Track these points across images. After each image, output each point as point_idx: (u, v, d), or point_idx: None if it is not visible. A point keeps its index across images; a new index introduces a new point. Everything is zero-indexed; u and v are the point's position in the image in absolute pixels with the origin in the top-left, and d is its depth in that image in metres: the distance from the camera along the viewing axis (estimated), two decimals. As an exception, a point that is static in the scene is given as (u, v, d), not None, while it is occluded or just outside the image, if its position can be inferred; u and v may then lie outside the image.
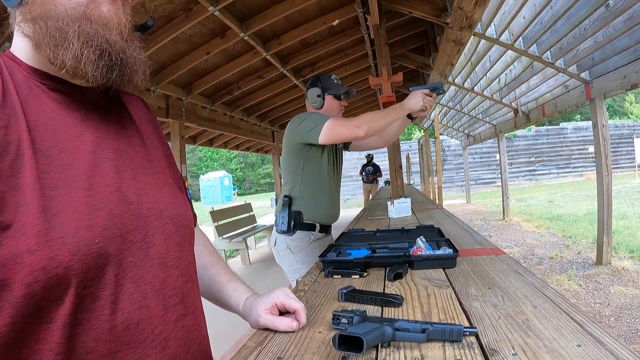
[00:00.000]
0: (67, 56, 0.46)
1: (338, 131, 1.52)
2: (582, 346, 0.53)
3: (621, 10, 2.72)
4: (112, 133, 0.54)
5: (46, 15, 0.47)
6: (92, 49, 0.47)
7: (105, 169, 0.50)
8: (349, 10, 3.50)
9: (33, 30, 0.47)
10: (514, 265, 1.00)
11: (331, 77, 1.80)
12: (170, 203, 0.57)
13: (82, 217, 0.44)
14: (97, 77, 0.48)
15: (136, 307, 0.48)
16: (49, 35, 0.46)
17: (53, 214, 0.42)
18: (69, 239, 0.42)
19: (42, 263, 0.40)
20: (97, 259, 0.45)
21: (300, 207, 1.70)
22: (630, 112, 24.60)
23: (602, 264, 3.98)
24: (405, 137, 22.86)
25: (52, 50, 0.46)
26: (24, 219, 0.41)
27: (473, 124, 9.05)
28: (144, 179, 0.55)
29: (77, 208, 0.44)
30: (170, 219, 0.56)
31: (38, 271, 0.40)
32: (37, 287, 0.40)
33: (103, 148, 0.51)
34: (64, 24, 0.47)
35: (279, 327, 0.69)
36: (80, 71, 0.48)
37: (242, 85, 4.43)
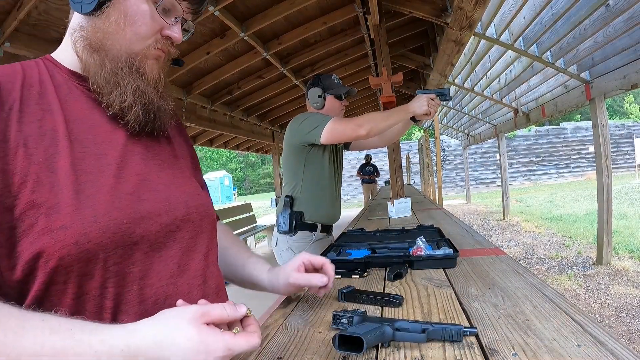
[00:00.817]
0: (116, 101, 0.54)
1: (340, 131, 1.52)
2: (582, 346, 0.53)
3: (621, 10, 2.72)
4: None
5: (104, 51, 0.54)
6: (140, 105, 0.55)
7: (135, 160, 0.55)
8: (349, 10, 3.50)
9: (88, 58, 0.54)
10: (514, 265, 1.00)
11: (332, 76, 1.79)
12: (195, 194, 0.62)
13: (113, 200, 0.49)
14: (134, 126, 0.56)
15: (164, 284, 0.53)
16: (104, 75, 0.54)
17: (87, 195, 0.47)
18: (100, 218, 0.47)
19: (75, 238, 0.45)
20: (125, 237, 0.49)
21: (302, 207, 1.70)
22: (630, 112, 24.60)
23: (602, 264, 3.98)
24: (405, 137, 22.84)
25: (102, 87, 0.54)
26: (59, 198, 0.45)
27: (473, 124, 9.05)
28: (170, 172, 0.60)
29: (108, 192, 0.49)
30: (195, 209, 0.60)
31: (70, 245, 0.44)
32: (69, 260, 0.45)
33: (133, 143, 0.57)
34: (118, 69, 0.54)
35: (312, 281, 0.72)
36: (123, 115, 0.55)
37: (242, 85, 4.43)
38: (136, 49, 0.56)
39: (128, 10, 0.55)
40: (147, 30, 0.57)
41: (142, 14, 0.56)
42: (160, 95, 0.59)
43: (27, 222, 0.44)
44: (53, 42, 2.42)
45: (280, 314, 0.79)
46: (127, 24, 0.55)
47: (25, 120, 0.48)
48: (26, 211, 0.44)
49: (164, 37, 0.59)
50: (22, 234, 0.44)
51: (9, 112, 0.47)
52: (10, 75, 0.50)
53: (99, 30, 0.54)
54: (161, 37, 0.59)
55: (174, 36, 0.59)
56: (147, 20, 0.56)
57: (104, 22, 0.54)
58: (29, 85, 0.51)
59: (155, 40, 0.58)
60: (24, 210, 0.44)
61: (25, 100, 0.49)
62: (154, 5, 0.57)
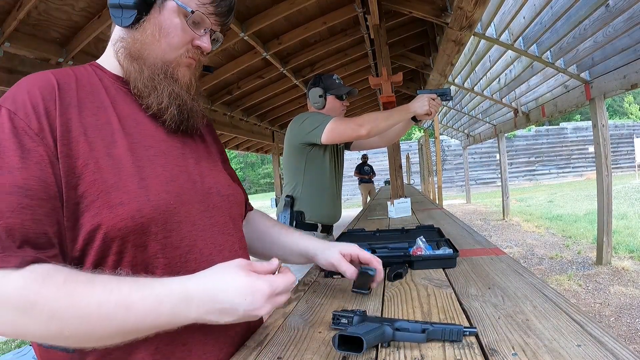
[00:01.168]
0: (154, 103, 0.62)
1: (340, 131, 1.52)
2: (582, 346, 0.53)
3: (621, 10, 2.72)
4: None
5: (142, 60, 0.62)
6: (175, 106, 0.63)
7: (175, 154, 0.64)
8: (349, 10, 3.50)
9: (129, 66, 0.63)
10: (514, 265, 1.00)
11: (333, 76, 1.79)
12: (226, 185, 0.71)
13: (162, 184, 0.58)
14: (171, 124, 0.64)
15: (205, 260, 0.61)
16: (142, 81, 0.62)
17: (140, 178, 0.56)
18: (152, 197, 0.55)
19: (131, 213, 0.52)
20: (172, 216, 0.57)
21: (302, 207, 1.70)
22: (630, 112, 24.60)
23: (602, 264, 3.98)
24: (405, 137, 22.83)
25: (142, 90, 0.62)
26: (117, 179, 0.53)
27: (473, 124, 9.05)
28: (205, 165, 0.69)
29: (157, 177, 0.58)
30: (227, 197, 0.69)
31: (127, 219, 0.52)
32: (126, 231, 0.52)
33: (172, 139, 0.65)
34: (155, 75, 0.62)
35: (346, 271, 0.79)
36: (161, 115, 0.63)
37: (242, 85, 4.43)
38: (170, 57, 0.64)
39: (162, 23, 0.62)
40: (179, 41, 0.64)
41: (175, 27, 0.63)
42: (192, 98, 0.67)
43: (89, 199, 0.51)
44: (53, 42, 2.42)
45: (280, 314, 0.79)
46: (162, 36, 0.62)
47: (83, 114, 0.56)
48: (88, 189, 0.51)
49: (194, 47, 0.66)
50: (84, 209, 0.51)
51: (67, 107, 0.55)
52: (66, 77, 0.58)
53: (137, 41, 0.62)
54: (192, 47, 0.66)
55: (203, 46, 0.66)
56: (179, 32, 0.63)
57: (141, 34, 0.62)
58: (82, 85, 0.59)
59: (187, 49, 0.65)
60: (86, 189, 0.51)
61: (80, 97, 0.57)
62: (184, 18, 0.63)
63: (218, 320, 0.50)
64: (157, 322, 0.48)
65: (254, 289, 0.50)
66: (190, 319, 0.49)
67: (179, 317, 0.49)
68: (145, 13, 0.62)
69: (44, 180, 0.49)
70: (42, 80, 0.55)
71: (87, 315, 0.45)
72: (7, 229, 0.45)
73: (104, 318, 0.45)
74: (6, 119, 0.50)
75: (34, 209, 0.47)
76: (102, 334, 0.46)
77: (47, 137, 0.51)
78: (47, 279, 0.45)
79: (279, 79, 4.68)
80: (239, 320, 0.52)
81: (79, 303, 0.45)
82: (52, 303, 0.44)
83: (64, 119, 0.53)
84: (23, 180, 0.47)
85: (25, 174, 0.48)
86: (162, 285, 0.49)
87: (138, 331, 0.48)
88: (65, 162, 0.51)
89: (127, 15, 0.61)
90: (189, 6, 0.62)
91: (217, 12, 0.66)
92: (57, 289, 0.44)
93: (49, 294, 0.44)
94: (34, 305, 0.43)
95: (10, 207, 0.46)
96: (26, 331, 0.45)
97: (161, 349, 0.56)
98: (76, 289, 0.45)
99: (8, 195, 0.46)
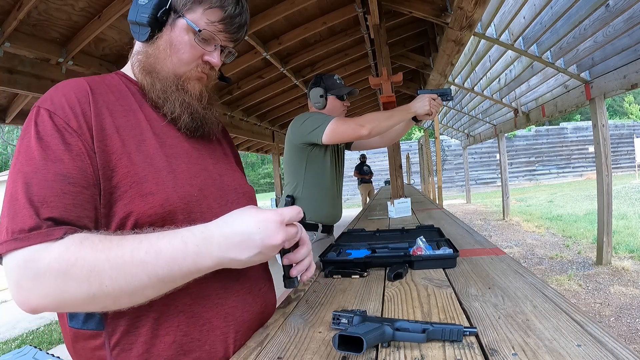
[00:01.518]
0: (168, 111, 0.68)
1: (341, 131, 1.52)
2: (582, 346, 0.53)
3: (621, 10, 2.72)
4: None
5: (155, 73, 0.68)
6: (187, 114, 0.69)
7: (195, 155, 0.70)
8: (349, 10, 3.50)
9: (143, 79, 0.68)
10: (514, 265, 1.00)
11: (334, 76, 1.79)
12: (242, 184, 0.77)
13: (187, 178, 0.64)
14: (185, 131, 0.70)
15: None
16: (155, 92, 0.67)
17: (168, 172, 0.62)
18: (179, 188, 0.61)
19: (160, 202, 0.58)
20: (196, 206, 0.63)
21: (303, 207, 1.68)
22: (630, 112, 24.59)
23: (602, 264, 3.98)
24: (405, 137, 22.83)
25: (156, 101, 0.68)
26: (147, 172, 0.59)
27: (473, 124, 9.05)
28: (223, 166, 0.75)
29: (182, 172, 0.64)
30: (242, 195, 0.75)
31: (157, 207, 0.58)
32: (156, 218, 0.58)
33: (191, 142, 0.71)
34: (167, 87, 0.67)
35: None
36: (175, 122, 0.69)
37: (242, 85, 4.43)
38: (180, 71, 0.68)
39: (173, 40, 0.67)
40: (189, 57, 0.68)
41: (185, 44, 0.67)
42: (204, 107, 0.72)
43: (122, 189, 0.57)
44: (53, 42, 2.42)
45: (280, 314, 0.79)
46: (173, 52, 0.67)
47: (114, 115, 0.62)
48: (122, 180, 0.57)
49: (204, 62, 0.70)
50: (118, 198, 0.57)
51: (101, 109, 0.60)
52: (97, 83, 0.64)
53: (150, 55, 0.68)
54: (202, 62, 0.70)
55: (212, 62, 0.70)
56: (188, 48, 0.67)
57: (155, 50, 0.67)
58: (112, 91, 0.65)
59: (197, 64, 0.70)
60: (120, 180, 0.57)
61: (111, 101, 0.63)
62: (194, 36, 0.67)
63: (240, 256, 0.54)
64: (185, 264, 0.52)
65: (265, 218, 0.56)
66: (214, 257, 0.54)
67: (204, 257, 0.53)
68: (158, 30, 0.67)
69: (85, 170, 0.55)
70: (77, 85, 0.61)
71: (122, 264, 0.50)
72: (51, 211, 0.51)
73: (138, 264, 0.50)
74: (47, 117, 0.56)
75: (75, 195, 0.53)
76: (138, 282, 0.51)
77: (85, 134, 0.57)
78: (84, 240, 0.50)
79: (279, 79, 4.67)
80: (260, 254, 0.55)
81: (114, 255, 0.50)
82: (90, 258, 0.49)
83: (98, 119, 0.59)
84: (66, 169, 0.54)
85: (69, 164, 0.54)
86: (186, 230, 0.55)
87: (171, 275, 0.52)
88: (101, 156, 0.57)
89: (143, 32, 0.67)
90: (198, 25, 0.66)
91: (227, 30, 0.69)
92: (93, 246, 0.50)
93: (86, 251, 0.49)
94: (74, 265, 0.48)
95: (55, 192, 0.52)
96: (70, 296, 0.49)
97: (182, 327, 0.60)
98: (111, 244, 0.51)
99: (53, 182, 0.52)
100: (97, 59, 2.78)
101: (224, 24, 0.68)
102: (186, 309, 0.60)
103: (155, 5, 0.65)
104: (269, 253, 0.57)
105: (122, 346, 0.58)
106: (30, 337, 3.62)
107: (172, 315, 0.59)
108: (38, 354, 0.79)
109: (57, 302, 0.50)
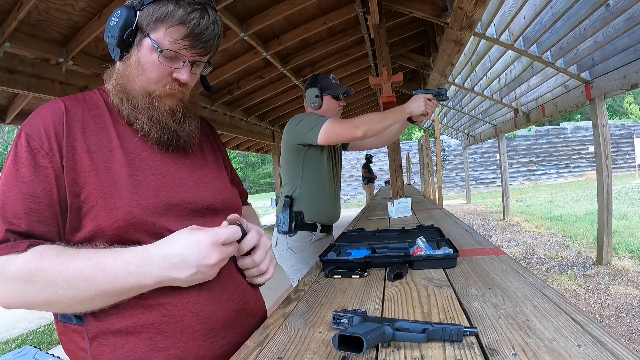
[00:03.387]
0: (139, 128, 0.69)
1: (336, 132, 1.52)
2: (582, 346, 0.53)
3: (621, 10, 2.72)
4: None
5: (126, 92, 0.69)
6: (157, 130, 0.70)
7: (169, 165, 0.71)
8: (349, 10, 3.50)
9: (114, 96, 0.70)
10: (514, 265, 1.00)
11: (329, 76, 1.79)
12: (221, 189, 0.77)
13: (152, 190, 0.66)
14: (157, 145, 0.71)
15: None
16: (126, 110, 0.69)
17: (133, 186, 0.64)
18: (143, 201, 0.64)
19: (124, 215, 0.61)
20: (161, 217, 0.65)
21: (302, 208, 1.70)
22: (630, 112, 24.59)
23: (602, 264, 3.98)
24: (405, 137, 22.84)
25: (127, 118, 0.70)
26: (113, 188, 0.62)
27: (473, 124, 9.05)
28: (201, 173, 0.76)
29: (149, 185, 0.66)
30: (220, 200, 0.75)
31: (120, 220, 0.61)
32: (121, 230, 0.61)
33: (165, 153, 0.72)
34: (135, 105, 0.69)
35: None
36: (147, 139, 0.70)
37: (242, 85, 4.43)
38: (150, 89, 0.69)
39: (141, 59, 0.68)
40: (157, 76, 0.69)
41: (151, 63, 0.67)
42: (177, 121, 0.72)
43: (89, 204, 0.61)
44: (53, 42, 2.42)
45: (280, 314, 0.79)
46: (141, 71, 0.68)
47: (86, 134, 0.65)
48: (89, 196, 0.61)
49: (173, 79, 0.70)
50: (86, 212, 0.61)
51: (74, 129, 0.64)
52: (75, 103, 0.67)
53: (123, 75, 0.70)
54: (171, 80, 0.70)
55: (180, 78, 0.70)
56: (155, 67, 0.68)
57: (127, 68, 0.69)
58: (89, 109, 0.68)
59: (166, 82, 0.70)
60: (87, 196, 0.61)
61: (86, 120, 0.67)
62: (158, 55, 0.67)
63: (179, 275, 0.60)
64: (128, 281, 0.58)
65: (197, 240, 0.60)
66: (155, 276, 0.59)
67: (145, 276, 0.59)
68: (126, 51, 0.69)
69: (50, 191, 0.61)
70: (53, 107, 0.65)
71: (72, 279, 0.56)
72: (19, 226, 0.58)
73: (85, 279, 0.57)
74: (24, 140, 0.62)
75: (40, 212, 0.60)
76: (86, 294, 0.57)
77: (55, 155, 0.62)
78: (44, 253, 0.57)
79: (279, 79, 4.67)
80: (198, 272, 0.60)
81: (66, 269, 0.56)
82: (47, 271, 0.56)
83: (70, 139, 0.63)
84: (34, 190, 0.60)
85: (36, 185, 0.60)
86: (129, 251, 0.60)
87: (115, 290, 0.58)
88: (69, 174, 0.62)
89: (115, 52, 0.69)
90: (161, 45, 0.66)
91: (193, 46, 0.67)
92: (50, 260, 0.57)
93: (44, 264, 0.56)
94: (34, 274, 0.56)
95: (24, 210, 0.59)
96: (31, 299, 0.57)
97: (156, 324, 0.63)
98: (65, 259, 0.57)
99: (22, 201, 0.59)
100: (97, 59, 2.78)
101: (189, 40, 0.66)
102: (159, 307, 0.63)
103: (122, 27, 0.66)
104: (208, 272, 0.62)
105: (100, 340, 0.62)
106: (30, 337, 3.62)
107: (145, 313, 0.62)
108: (38, 354, 0.79)
109: (21, 303, 0.58)
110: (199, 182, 0.74)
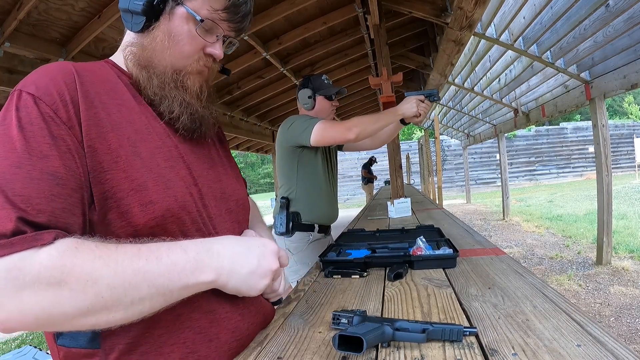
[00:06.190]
0: (166, 111, 0.61)
1: (328, 134, 1.52)
2: (582, 346, 0.53)
3: (621, 10, 2.72)
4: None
5: (152, 68, 0.60)
6: (187, 115, 0.62)
7: (191, 159, 0.63)
8: (349, 10, 3.50)
9: (138, 73, 0.61)
10: (514, 265, 1.00)
11: (322, 77, 1.79)
12: (236, 190, 0.73)
13: (185, 185, 0.58)
14: (183, 132, 0.63)
15: None
16: (152, 89, 0.60)
17: (168, 179, 0.56)
18: (180, 197, 0.56)
19: (162, 212, 0.54)
20: (198, 214, 0.59)
21: (298, 208, 1.70)
22: (630, 112, 24.59)
23: (602, 264, 3.98)
24: (405, 137, 22.84)
25: (152, 98, 0.61)
26: (146, 178, 0.53)
27: (473, 124, 9.05)
28: (219, 170, 0.71)
29: (181, 180, 0.58)
30: (235, 202, 0.71)
31: (158, 217, 0.53)
32: (156, 228, 0.53)
33: (185, 144, 0.64)
34: (165, 84, 0.60)
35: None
36: (173, 124, 0.62)
37: (242, 85, 4.43)
38: (180, 65, 0.62)
39: (172, 30, 0.60)
40: (190, 49, 0.62)
41: (185, 34, 0.60)
42: (203, 106, 0.65)
43: (119, 195, 0.51)
44: (53, 42, 2.42)
45: (280, 314, 0.79)
46: (172, 44, 0.60)
47: (108, 109, 0.54)
48: (118, 186, 0.51)
49: (206, 54, 0.64)
50: (114, 205, 0.51)
51: (92, 101, 0.53)
52: (86, 70, 0.56)
53: (146, 48, 0.60)
54: (204, 55, 0.64)
55: (215, 53, 0.64)
56: (189, 39, 0.61)
57: (151, 42, 0.60)
58: (101, 81, 0.57)
59: (198, 57, 0.63)
60: (115, 185, 0.51)
61: (100, 92, 0.55)
62: (195, 26, 0.60)
63: (240, 270, 0.56)
64: (183, 274, 0.50)
65: (263, 242, 0.60)
66: (212, 268, 0.53)
67: (201, 265, 0.52)
68: (155, 20, 0.59)
69: (74, 170, 0.48)
70: (62, 68, 0.53)
71: (122, 272, 0.45)
72: (37, 215, 0.43)
73: (138, 272, 0.46)
74: (31, 103, 0.47)
75: (65, 198, 0.46)
76: (137, 293, 0.46)
77: (75, 127, 0.49)
78: (80, 245, 0.45)
79: (279, 79, 4.67)
80: (254, 274, 0.57)
81: (113, 261, 0.45)
82: (88, 264, 0.44)
83: (89, 113, 0.51)
84: (54, 167, 0.46)
85: (56, 162, 0.46)
86: (185, 241, 0.54)
87: (169, 286, 0.49)
88: (91, 156, 0.50)
89: (137, 21, 0.59)
90: (200, 14, 0.59)
91: (231, 19, 0.63)
92: (90, 252, 0.45)
93: (83, 257, 0.44)
94: (70, 272, 0.42)
95: (41, 194, 0.44)
96: (59, 308, 0.42)
97: (189, 344, 0.57)
98: (109, 250, 0.46)
99: (38, 181, 0.44)
100: (97, 59, 2.76)
101: (228, 12, 0.61)
102: (193, 325, 0.57)
103: None
104: (260, 281, 0.58)
105: None
106: (30, 337, 3.62)
107: (178, 331, 0.55)
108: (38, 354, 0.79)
109: (40, 318, 0.42)
110: (217, 182, 0.67)
